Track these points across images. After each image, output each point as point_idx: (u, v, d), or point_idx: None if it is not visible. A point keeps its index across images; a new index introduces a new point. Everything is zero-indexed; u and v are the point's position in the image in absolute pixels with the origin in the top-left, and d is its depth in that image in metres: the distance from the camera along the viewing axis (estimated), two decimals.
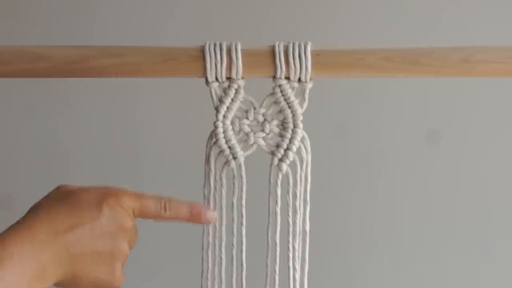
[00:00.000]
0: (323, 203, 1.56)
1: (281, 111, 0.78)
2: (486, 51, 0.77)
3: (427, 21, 1.58)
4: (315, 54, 0.76)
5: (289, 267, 0.79)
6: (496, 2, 1.57)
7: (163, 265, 1.64)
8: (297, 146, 0.78)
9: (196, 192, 0.81)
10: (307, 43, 0.77)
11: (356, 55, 0.77)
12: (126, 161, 1.64)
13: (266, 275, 0.79)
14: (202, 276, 0.80)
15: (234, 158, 0.78)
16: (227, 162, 0.78)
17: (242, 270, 0.79)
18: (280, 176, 0.78)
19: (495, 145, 1.60)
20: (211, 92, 0.78)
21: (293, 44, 0.76)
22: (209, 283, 0.80)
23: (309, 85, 0.77)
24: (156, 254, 1.63)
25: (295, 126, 0.78)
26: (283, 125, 0.78)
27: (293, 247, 0.78)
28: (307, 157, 0.78)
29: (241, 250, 0.79)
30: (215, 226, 0.79)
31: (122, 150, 1.64)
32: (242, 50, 0.76)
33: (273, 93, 0.78)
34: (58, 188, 0.73)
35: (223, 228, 0.79)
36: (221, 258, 0.79)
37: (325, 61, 0.77)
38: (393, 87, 1.59)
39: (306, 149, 0.78)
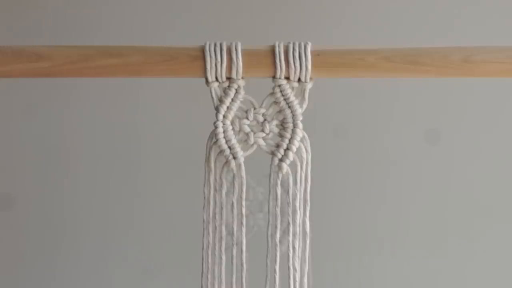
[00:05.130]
0: (323, 203, 1.56)
1: (281, 111, 0.78)
2: (486, 51, 0.77)
3: (427, 21, 1.58)
4: (315, 54, 0.76)
5: (289, 267, 0.79)
6: (496, 2, 1.57)
7: (163, 265, 1.64)
8: (297, 146, 0.78)
9: (196, 192, 0.80)
10: (307, 43, 0.76)
11: (356, 55, 0.77)
12: (126, 161, 1.64)
13: (266, 275, 0.79)
14: (202, 276, 0.80)
15: (234, 158, 0.78)
16: (227, 162, 0.78)
17: (242, 270, 0.79)
18: (280, 176, 0.78)
19: (496, 144, 1.60)
20: (211, 92, 0.78)
21: (293, 44, 0.76)
22: (209, 283, 0.80)
23: (309, 85, 0.77)
24: (156, 254, 1.63)
25: (295, 126, 0.78)
26: (283, 125, 0.78)
27: (293, 247, 0.78)
28: (307, 157, 0.78)
29: (241, 250, 0.79)
30: (215, 226, 0.79)
31: (122, 150, 1.64)
32: (242, 50, 0.76)
33: (273, 93, 0.78)
34: None
35: (223, 228, 0.79)
36: (221, 258, 0.79)
37: (325, 61, 0.77)
38: (393, 87, 1.59)
39: (306, 149, 0.78)
